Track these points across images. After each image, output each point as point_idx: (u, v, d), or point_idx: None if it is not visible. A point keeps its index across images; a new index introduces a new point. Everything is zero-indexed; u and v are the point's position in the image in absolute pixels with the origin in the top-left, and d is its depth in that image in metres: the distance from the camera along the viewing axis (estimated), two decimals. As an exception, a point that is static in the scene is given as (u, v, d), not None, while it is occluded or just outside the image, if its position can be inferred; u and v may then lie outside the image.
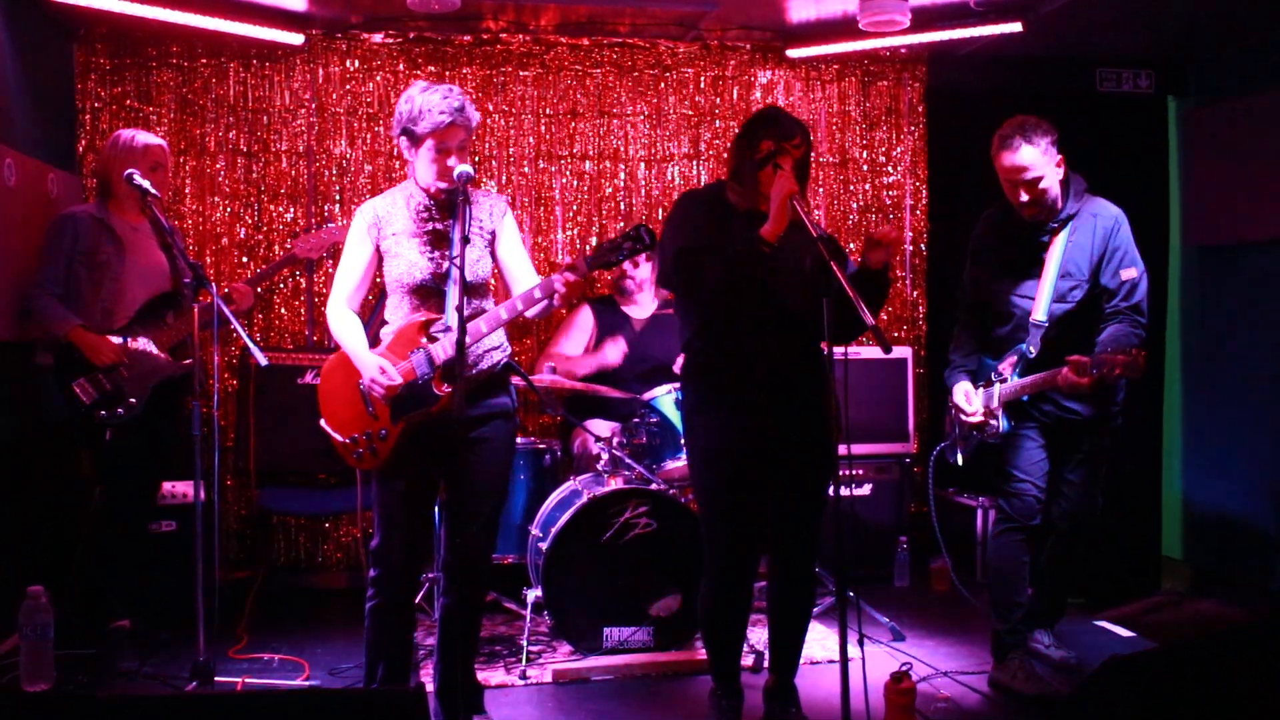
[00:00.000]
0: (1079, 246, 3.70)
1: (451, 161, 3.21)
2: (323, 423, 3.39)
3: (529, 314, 3.27)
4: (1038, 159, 3.60)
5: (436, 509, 3.58)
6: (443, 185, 3.25)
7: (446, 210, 3.31)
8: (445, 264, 3.26)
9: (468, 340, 3.14)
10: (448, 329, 3.22)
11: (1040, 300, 3.72)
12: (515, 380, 3.54)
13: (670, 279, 3.33)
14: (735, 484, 3.33)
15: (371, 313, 3.41)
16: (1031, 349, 3.73)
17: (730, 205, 3.33)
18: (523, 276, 3.36)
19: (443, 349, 3.21)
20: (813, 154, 3.50)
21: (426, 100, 3.18)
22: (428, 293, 3.28)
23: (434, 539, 3.83)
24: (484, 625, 4.53)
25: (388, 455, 3.28)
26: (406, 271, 3.27)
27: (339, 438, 3.35)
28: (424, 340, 3.24)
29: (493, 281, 3.42)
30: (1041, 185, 3.63)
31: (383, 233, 3.30)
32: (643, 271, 4.92)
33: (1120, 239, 3.71)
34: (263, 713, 2.15)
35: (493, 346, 3.34)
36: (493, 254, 3.38)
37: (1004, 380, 3.79)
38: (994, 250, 3.89)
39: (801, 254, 3.19)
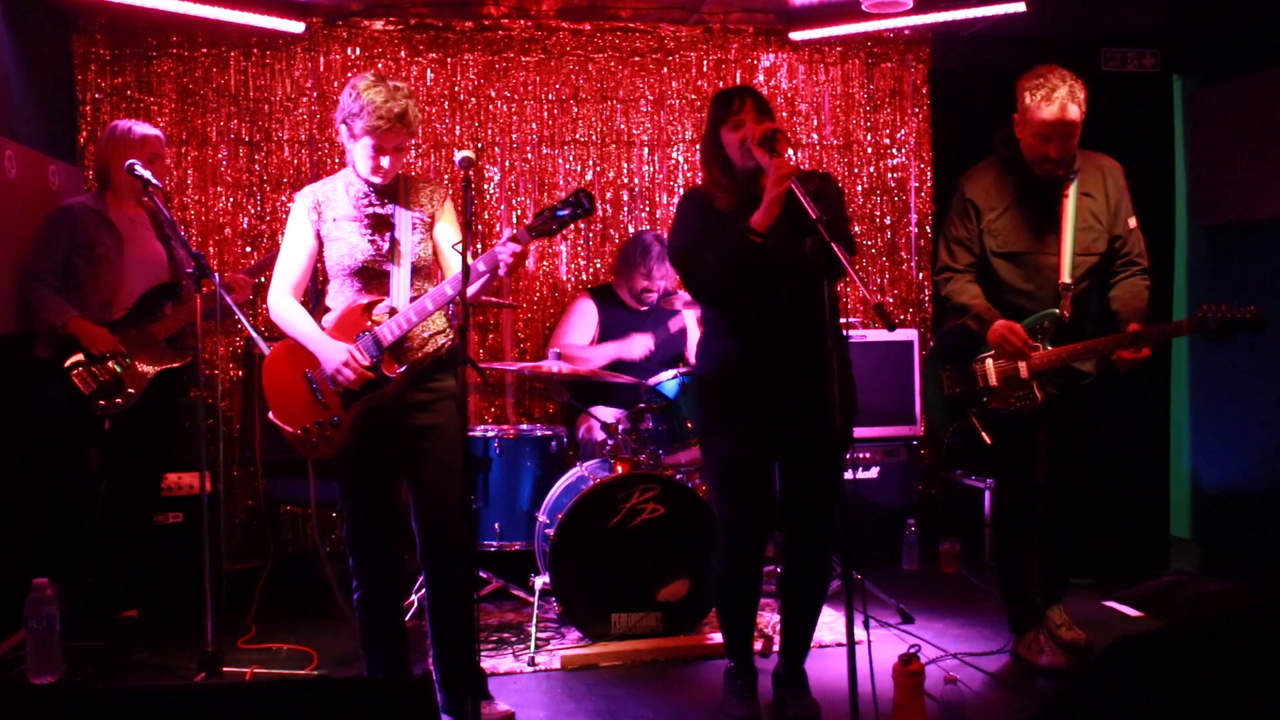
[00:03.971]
0: (1092, 197, 3.73)
1: (385, 161, 3.21)
2: (271, 415, 3.37)
3: (471, 289, 3.19)
4: (1079, 118, 3.60)
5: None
6: (375, 180, 3.26)
7: (386, 195, 3.32)
8: (386, 246, 3.27)
9: (414, 320, 3.19)
10: (392, 310, 3.23)
11: (1064, 261, 3.68)
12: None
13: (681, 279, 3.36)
14: (743, 464, 3.33)
15: (313, 300, 3.40)
16: (1065, 314, 3.67)
17: (720, 207, 3.31)
18: (455, 260, 3.32)
19: (388, 330, 3.20)
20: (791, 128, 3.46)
21: (369, 99, 3.14)
22: (370, 275, 3.28)
23: (409, 525, 3.79)
24: (492, 612, 4.56)
25: (344, 442, 3.26)
26: (348, 254, 3.27)
27: (289, 429, 3.33)
28: (369, 323, 3.23)
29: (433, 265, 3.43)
30: (1073, 142, 3.64)
31: (323, 217, 3.30)
32: (662, 282, 4.86)
33: (1124, 188, 3.79)
34: (271, 702, 2.15)
35: (437, 330, 3.34)
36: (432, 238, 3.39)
37: (1033, 348, 3.68)
38: (1002, 208, 3.77)
39: (800, 235, 3.04)
